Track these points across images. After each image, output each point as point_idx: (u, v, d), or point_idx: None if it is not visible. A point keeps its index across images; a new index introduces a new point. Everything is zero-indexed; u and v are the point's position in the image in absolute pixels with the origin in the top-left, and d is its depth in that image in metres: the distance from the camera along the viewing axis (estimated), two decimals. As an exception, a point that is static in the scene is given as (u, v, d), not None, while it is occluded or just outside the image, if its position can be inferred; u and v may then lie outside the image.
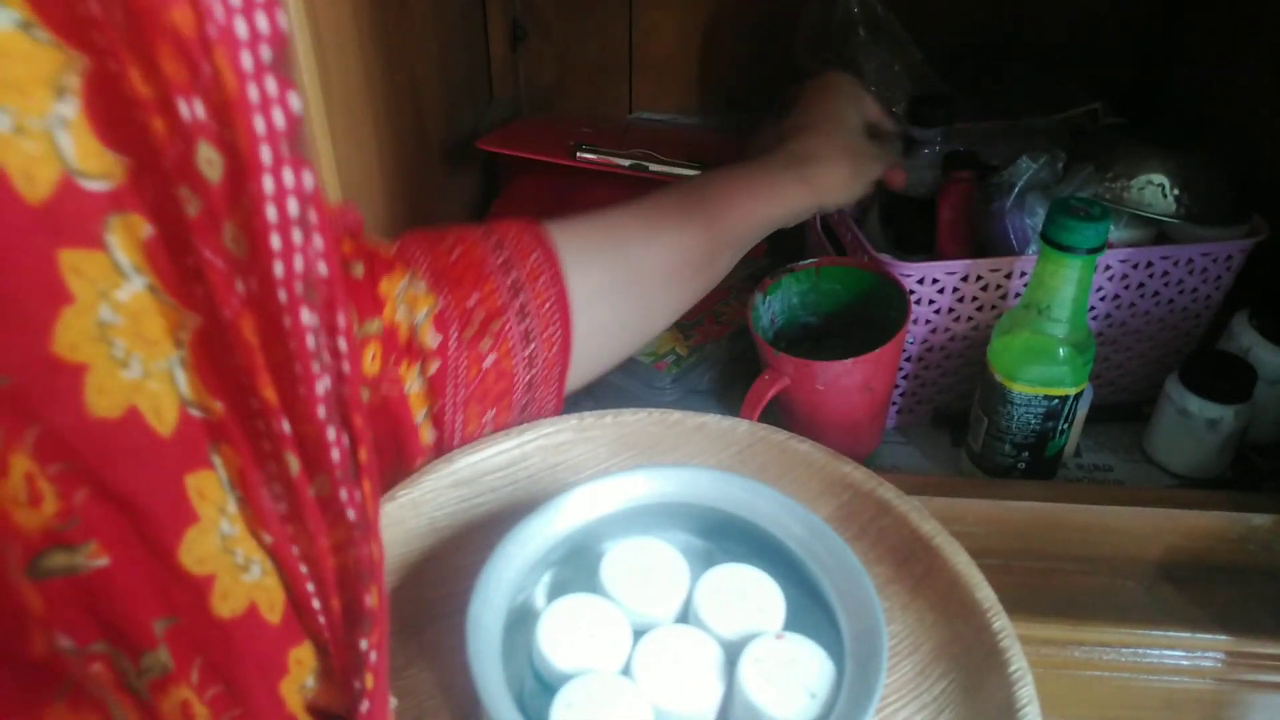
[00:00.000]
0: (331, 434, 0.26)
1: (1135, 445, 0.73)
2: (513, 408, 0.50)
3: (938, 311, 0.69)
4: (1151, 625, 0.55)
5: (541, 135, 0.93)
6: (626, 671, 0.36)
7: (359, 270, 0.45)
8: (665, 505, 0.41)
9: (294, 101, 0.23)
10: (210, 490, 0.26)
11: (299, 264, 0.24)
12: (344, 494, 0.28)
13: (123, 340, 0.23)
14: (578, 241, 0.52)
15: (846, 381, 0.66)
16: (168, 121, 0.22)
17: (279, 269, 0.24)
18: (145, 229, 0.24)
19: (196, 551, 0.25)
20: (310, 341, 0.25)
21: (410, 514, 0.45)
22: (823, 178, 0.62)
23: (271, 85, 0.22)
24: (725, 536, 0.41)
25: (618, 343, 0.56)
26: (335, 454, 0.27)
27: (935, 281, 0.68)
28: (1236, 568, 0.58)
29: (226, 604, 0.26)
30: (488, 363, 0.47)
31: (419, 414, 0.47)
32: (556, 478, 0.47)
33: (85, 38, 0.21)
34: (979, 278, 0.68)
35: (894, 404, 0.75)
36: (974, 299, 0.69)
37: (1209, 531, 0.58)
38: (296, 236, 0.24)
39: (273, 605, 0.28)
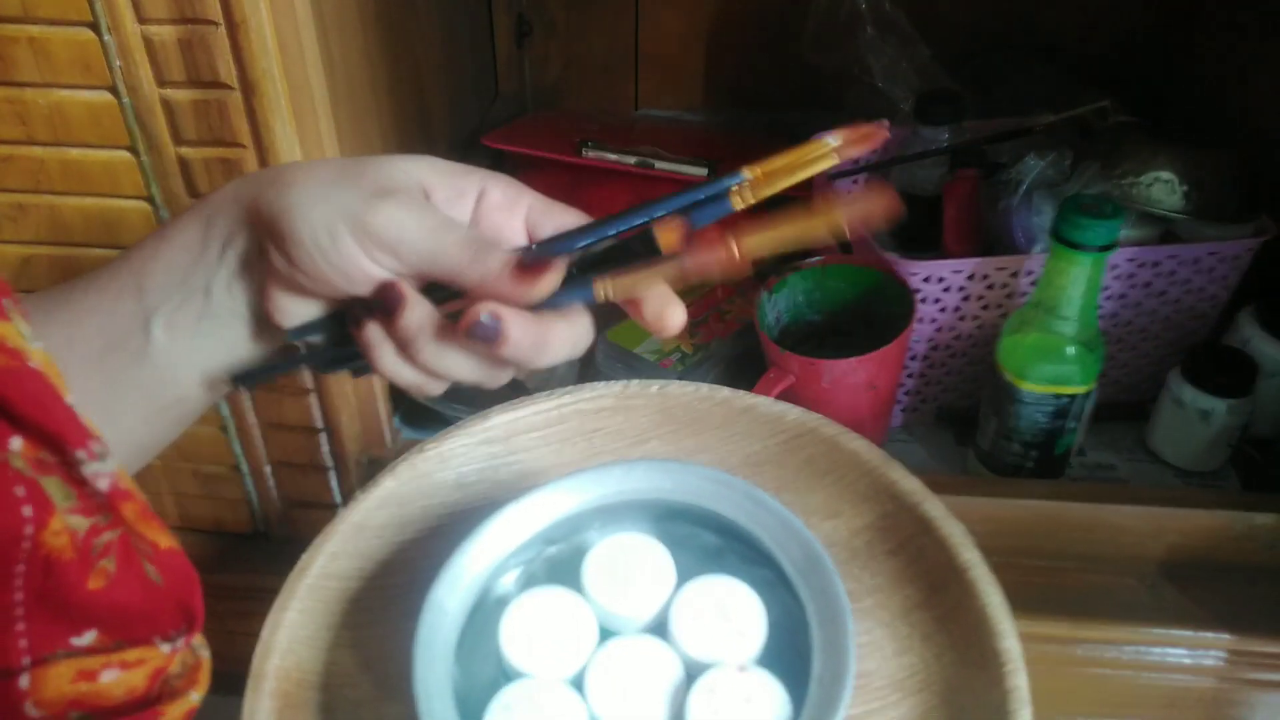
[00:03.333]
0: None
1: (1139, 444, 0.73)
2: None
3: (943, 310, 0.69)
4: (1154, 623, 0.55)
5: (547, 132, 0.94)
6: (580, 677, 0.35)
7: None
8: (662, 503, 0.40)
9: None
10: None
11: None
12: None
13: None
14: None
15: (851, 380, 0.66)
16: None
17: None
18: None
19: None
20: None
21: (437, 467, 0.45)
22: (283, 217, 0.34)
23: None
24: (737, 540, 0.40)
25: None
26: None
27: (941, 280, 0.68)
28: (1239, 566, 0.58)
29: None
30: None
31: None
32: (592, 445, 0.46)
33: None
34: (985, 276, 0.68)
35: (899, 402, 0.75)
36: (980, 298, 0.69)
37: (1212, 530, 0.58)
38: None
39: None
